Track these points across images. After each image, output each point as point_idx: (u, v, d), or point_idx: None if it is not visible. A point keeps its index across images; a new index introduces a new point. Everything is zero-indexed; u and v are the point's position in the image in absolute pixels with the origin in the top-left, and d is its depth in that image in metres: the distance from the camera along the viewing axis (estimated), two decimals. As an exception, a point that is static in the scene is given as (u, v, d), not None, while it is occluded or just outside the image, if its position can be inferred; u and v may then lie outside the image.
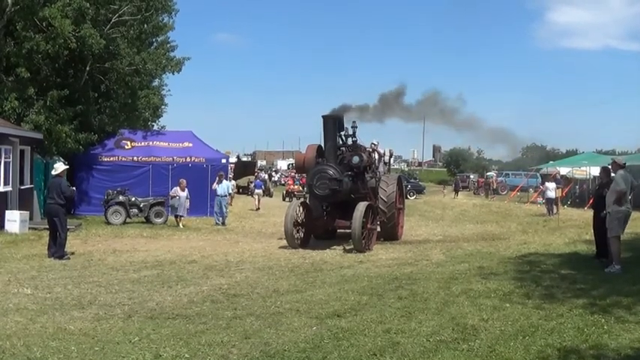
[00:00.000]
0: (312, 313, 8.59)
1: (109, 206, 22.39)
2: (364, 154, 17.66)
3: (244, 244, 17.45)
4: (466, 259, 14.12)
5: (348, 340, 7.24)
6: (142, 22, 25.78)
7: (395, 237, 18.46)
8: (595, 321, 7.97)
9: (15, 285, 10.50)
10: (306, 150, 18.52)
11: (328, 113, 17.55)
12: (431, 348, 6.91)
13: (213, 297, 9.79)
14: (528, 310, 8.69)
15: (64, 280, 11.03)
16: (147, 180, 25.58)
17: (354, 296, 9.77)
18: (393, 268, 12.88)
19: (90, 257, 14.13)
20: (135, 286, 10.67)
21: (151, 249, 15.92)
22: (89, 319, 8.23)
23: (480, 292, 10.03)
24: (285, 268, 12.81)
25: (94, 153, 25.74)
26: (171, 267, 12.86)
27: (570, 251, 15.14)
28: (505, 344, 7.01)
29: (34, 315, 8.43)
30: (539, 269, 12.38)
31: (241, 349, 6.92)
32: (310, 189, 16.75)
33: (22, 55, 21.59)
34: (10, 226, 18.08)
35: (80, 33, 21.75)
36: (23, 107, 21.75)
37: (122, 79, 26.24)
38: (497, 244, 16.95)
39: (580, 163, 40.07)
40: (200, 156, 26.54)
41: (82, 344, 7.02)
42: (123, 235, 18.94)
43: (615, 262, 11.88)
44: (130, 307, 8.99)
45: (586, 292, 9.95)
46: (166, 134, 29.31)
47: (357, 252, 15.36)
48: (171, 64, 27.86)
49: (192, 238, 19.09)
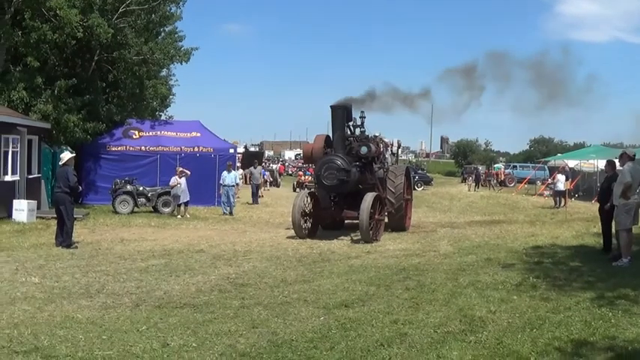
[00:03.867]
0: (320, 303, 8.59)
1: (117, 195, 22.46)
2: (372, 144, 17.59)
3: (252, 233, 17.48)
4: (474, 250, 14.09)
5: (356, 330, 7.24)
6: (150, 11, 25.76)
7: (402, 228, 18.42)
8: (602, 314, 7.94)
9: (23, 274, 10.54)
10: (314, 140, 18.44)
11: (336, 103, 17.53)
12: (438, 339, 6.90)
13: (221, 286, 9.80)
14: (536, 303, 8.66)
15: (71, 269, 11.07)
16: (154, 169, 25.63)
17: (362, 287, 9.77)
18: (401, 259, 12.86)
19: (98, 246, 14.16)
20: (143, 275, 10.69)
21: (159, 238, 15.96)
22: (97, 308, 8.25)
23: (487, 283, 10.01)
24: (293, 258, 12.81)
25: (101, 142, 25.80)
26: (179, 256, 12.88)
27: (578, 244, 15.10)
28: (512, 336, 6.99)
29: (42, 304, 8.46)
30: (546, 261, 12.34)
31: (249, 338, 6.92)
32: (318, 179, 16.71)
33: (30, 45, 21.61)
34: (18, 215, 18.16)
35: (88, 22, 21.76)
36: (31, 97, 21.78)
37: (130, 68, 26.30)
38: (505, 236, 16.90)
39: (588, 155, 39.87)
40: (208, 146, 26.59)
41: (90, 333, 7.04)
42: (130, 225, 18.98)
43: (624, 256, 11.80)
44: (138, 296, 9.01)
45: (593, 285, 9.92)
46: (174, 124, 29.35)
47: (365, 242, 15.34)
48: (179, 54, 27.89)
49: (200, 227, 19.14)
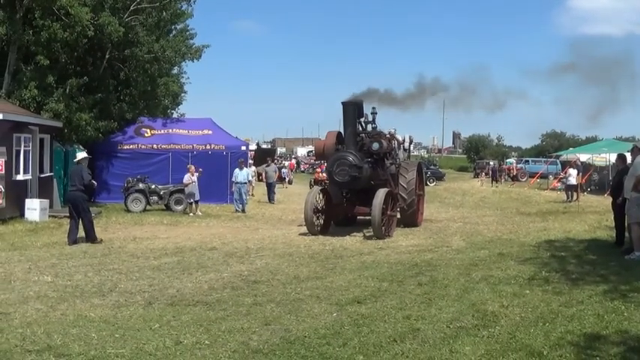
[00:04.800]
0: (333, 300, 8.59)
1: (129, 194, 22.55)
2: (384, 140, 17.54)
3: (264, 230, 17.48)
4: (486, 245, 14.04)
5: (369, 326, 7.23)
6: (161, 9, 25.77)
7: (415, 223, 18.36)
8: (615, 307, 7.89)
9: (35, 273, 10.60)
10: (326, 137, 18.41)
11: (348, 99, 17.49)
12: (451, 334, 6.89)
13: (234, 284, 9.82)
14: (548, 297, 8.62)
15: (84, 268, 11.13)
16: (167, 167, 25.68)
17: (374, 283, 9.76)
18: (413, 254, 12.84)
19: (110, 245, 14.23)
20: (155, 273, 10.73)
21: (171, 236, 16.01)
22: (109, 307, 8.29)
23: (500, 278, 9.97)
24: (305, 255, 12.81)
25: (114, 141, 25.89)
26: (191, 254, 12.92)
27: (590, 238, 14.99)
28: (525, 331, 6.96)
29: (55, 302, 8.50)
30: (559, 256, 12.26)
31: (261, 335, 6.93)
32: (330, 176, 16.71)
33: (41, 44, 21.69)
34: (31, 214, 18.26)
35: (99, 21, 21.82)
36: (43, 95, 21.87)
37: (141, 66, 26.29)
38: (517, 231, 16.81)
39: (600, 149, 39.64)
40: (220, 143, 26.60)
41: (103, 331, 7.07)
42: (143, 223, 19.05)
43: (636, 249, 11.66)
44: (151, 294, 9.04)
45: (606, 279, 9.85)
46: (186, 122, 29.31)
47: (377, 239, 15.31)
48: (190, 51, 27.98)
49: (213, 225, 19.16)
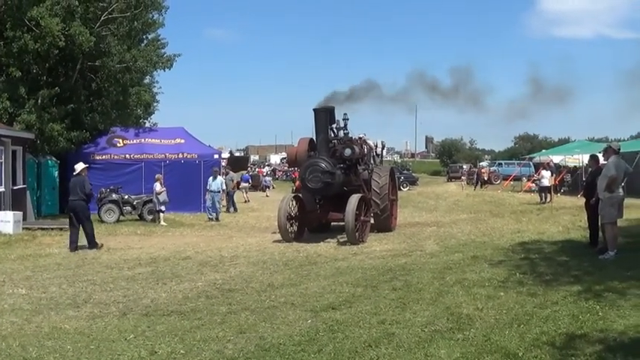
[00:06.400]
0: (307, 306, 8.60)
1: (103, 204, 22.35)
2: (356, 146, 17.63)
3: (238, 239, 17.45)
4: (460, 248, 14.14)
5: (343, 332, 7.25)
6: (132, 19, 25.67)
7: (388, 228, 18.45)
8: (590, 307, 8.00)
9: (10, 285, 10.49)
10: (298, 143, 18.45)
11: (319, 106, 17.58)
12: (426, 338, 6.93)
13: (208, 292, 9.79)
14: (523, 299, 8.71)
15: (58, 280, 11.02)
16: (140, 177, 25.58)
17: (349, 288, 9.79)
18: (387, 259, 12.89)
19: (84, 256, 14.09)
20: (129, 283, 10.66)
21: (145, 246, 15.90)
22: (84, 318, 8.23)
23: (474, 281, 10.06)
24: (280, 262, 12.80)
25: (86, 152, 25.65)
26: (165, 264, 12.85)
27: (564, 239, 15.19)
28: (500, 333, 7.02)
29: (30, 315, 8.43)
30: (533, 257, 12.40)
31: (237, 343, 6.92)
32: (303, 182, 16.74)
33: (12, 55, 21.54)
34: (4, 226, 18.03)
35: (70, 31, 21.68)
36: (15, 107, 21.68)
37: (113, 76, 26.18)
38: (491, 234, 16.95)
39: (572, 151, 40.16)
40: (192, 152, 26.63)
41: (78, 343, 7.02)
42: (116, 233, 18.89)
43: (610, 249, 11.89)
44: (125, 305, 8.99)
45: (580, 279, 9.99)
46: (158, 131, 29.25)
47: (351, 244, 15.35)
48: (162, 60, 27.88)
49: (186, 234, 19.09)
